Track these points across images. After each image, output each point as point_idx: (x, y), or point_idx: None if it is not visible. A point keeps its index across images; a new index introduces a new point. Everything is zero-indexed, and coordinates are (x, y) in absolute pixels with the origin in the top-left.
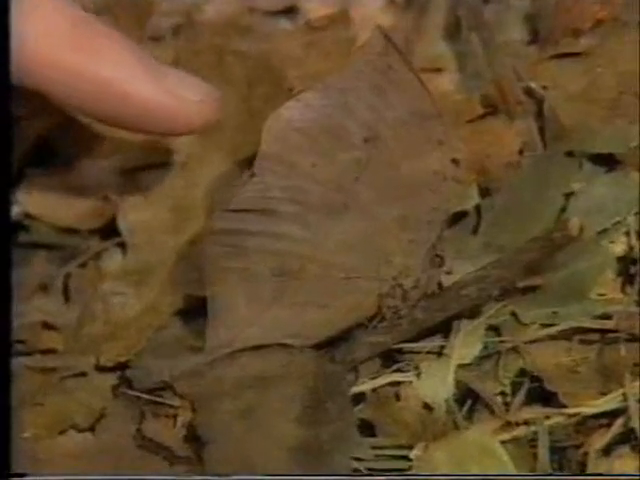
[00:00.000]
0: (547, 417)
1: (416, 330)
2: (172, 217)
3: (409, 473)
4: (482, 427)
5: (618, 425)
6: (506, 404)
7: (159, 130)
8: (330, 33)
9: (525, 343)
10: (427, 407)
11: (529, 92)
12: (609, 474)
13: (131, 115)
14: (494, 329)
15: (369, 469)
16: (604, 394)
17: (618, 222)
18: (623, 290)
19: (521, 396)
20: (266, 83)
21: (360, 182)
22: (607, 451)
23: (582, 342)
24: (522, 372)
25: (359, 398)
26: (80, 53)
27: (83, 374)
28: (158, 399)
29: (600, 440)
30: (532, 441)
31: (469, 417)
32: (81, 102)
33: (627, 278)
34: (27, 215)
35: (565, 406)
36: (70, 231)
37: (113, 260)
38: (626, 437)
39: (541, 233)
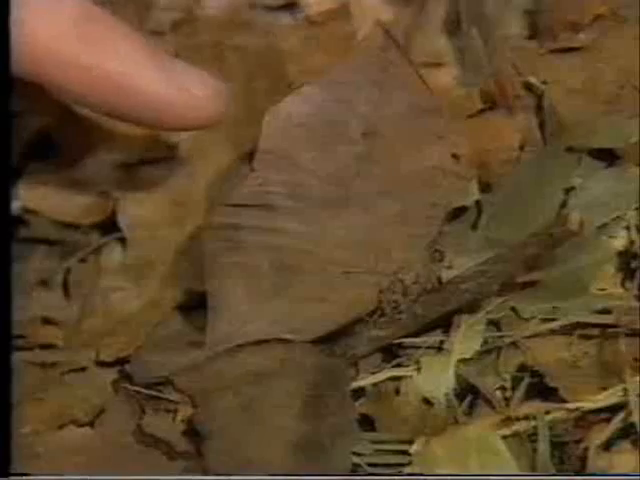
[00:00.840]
0: (547, 412)
1: (416, 325)
2: (172, 212)
3: (409, 473)
4: (482, 422)
5: (618, 420)
6: (506, 399)
7: (167, 125)
8: (330, 28)
9: (525, 338)
10: (427, 402)
11: (529, 87)
12: (609, 474)
13: (139, 110)
14: (494, 324)
15: (369, 464)
16: (604, 389)
17: (618, 217)
18: (623, 285)
19: (521, 391)
20: (266, 78)
21: (360, 177)
22: (607, 446)
23: (582, 337)
24: (522, 367)
25: (359, 393)
26: (88, 46)
27: (83, 369)
28: (158, 394)
29: (600, 435)
30: (532, 436)
31: (469, 412)
32: (88, 96)
33: (627, 273)
34: (27, 210)
35: (565, 401)
36: (70, 226)
37: (113, 255)
38: (626, 432)
39: (541, 228)
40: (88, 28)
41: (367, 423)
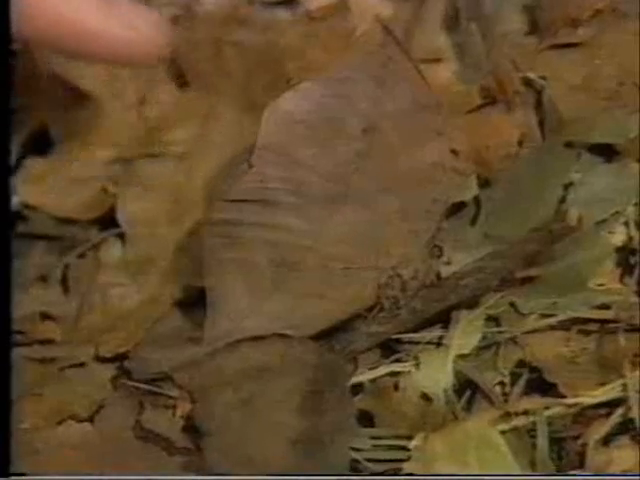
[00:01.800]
0: (546, 407)
1: (415, 320)
2: (171, 208)
3: (407, 473)
4: (481, 417)
5: (617, 415)
6: (505, 394)
7: (116, 61)
8: (329, 24)
9: (524, 333)
10: (426, 397)
11: (528, 83)
12: (609, 474)
13: (87, 47)
14: (493, 319)
15: (368, 459)
16: (603, 384)
17: (617, 213)
18: (622, 280)
19: (520, 386)
20: (265, 74)
21: (359, 173)
22: (606, 441)
23: (581, 332)
24: (521, 362)
25: (358, 388)
26: None
27: (82, 365)
28: (157, 390)
29: (599, 430)
30: (531, 431)
31: (468, 407)
32: (50, 42)
33: (626, 268)
34: (26, 206)
35: (564, 396)
36: (69, 222)
37: (112, 251)
38: (625, 427)
39: (540, 224)
40: None
41: (366, 419)
